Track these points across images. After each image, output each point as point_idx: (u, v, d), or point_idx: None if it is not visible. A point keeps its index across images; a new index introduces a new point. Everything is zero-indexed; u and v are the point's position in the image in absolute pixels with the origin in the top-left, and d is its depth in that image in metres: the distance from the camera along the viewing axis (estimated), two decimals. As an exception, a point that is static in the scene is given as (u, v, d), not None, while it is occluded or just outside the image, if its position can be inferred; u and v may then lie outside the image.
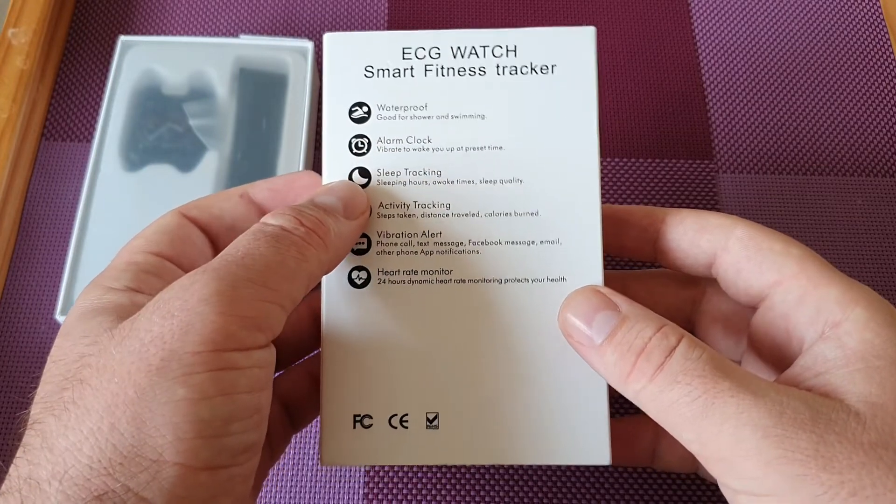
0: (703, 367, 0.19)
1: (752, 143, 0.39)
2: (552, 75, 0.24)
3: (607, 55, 0.41)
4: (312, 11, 0.42)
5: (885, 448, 0.18)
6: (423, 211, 0.23)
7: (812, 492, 0.17)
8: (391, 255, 0.23)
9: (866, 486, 0.17)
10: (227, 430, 0.18)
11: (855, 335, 0.20)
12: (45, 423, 0.17)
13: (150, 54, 0.37)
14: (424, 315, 0.23)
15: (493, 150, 0.24)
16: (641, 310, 0.21)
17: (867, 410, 0.18)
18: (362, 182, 0.24)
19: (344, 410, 0.23)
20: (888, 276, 0.36)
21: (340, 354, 0.23)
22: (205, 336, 0.17)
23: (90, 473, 0.16)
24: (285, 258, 0.20)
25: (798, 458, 0.18)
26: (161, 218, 0.24)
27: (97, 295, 0.21)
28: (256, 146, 0.36)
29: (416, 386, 0.23)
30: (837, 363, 0.20)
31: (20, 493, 0.17)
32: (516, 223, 0.23)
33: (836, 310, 0.20)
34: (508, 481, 0.31)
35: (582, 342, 0.21)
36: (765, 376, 0.21)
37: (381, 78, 0.24)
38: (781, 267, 0.22)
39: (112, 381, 0.17)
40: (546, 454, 0.23)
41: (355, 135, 0.24)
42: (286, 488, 0.32)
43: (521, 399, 0.23)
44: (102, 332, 0.19)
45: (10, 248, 0.36)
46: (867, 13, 0.42)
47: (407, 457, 0.23)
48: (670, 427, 0.20)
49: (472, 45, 0.24)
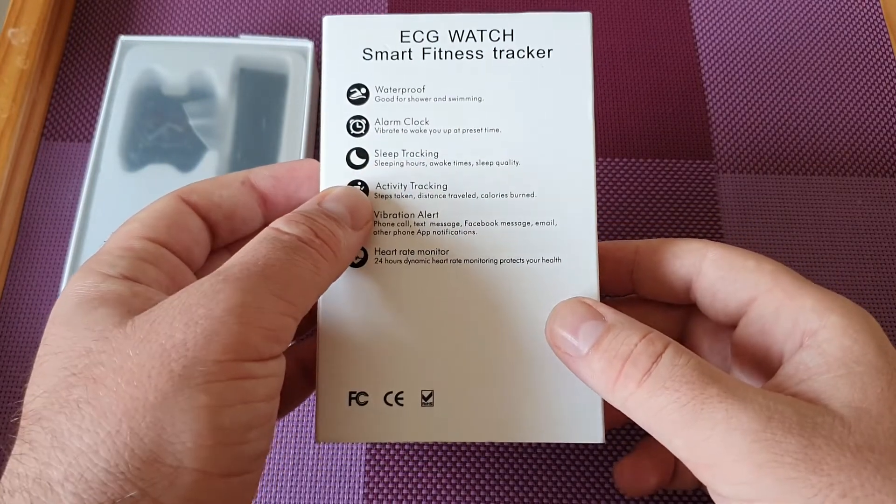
0: (691, 374, 0.19)
1: (752, 143, 0.39)
2: (548, 59, 0.24)
3: (607, 54, 0.41)
4: (312, 11, 0.42)
5: (870, 450, 0.18)
6: (420, 192, 0.24)
7: (803, 494, 0.17)
8: (388, 234, 0.24)
9: (855, 486, 0.17)
10: (245, 438, 0.18)
11: (834, 342, 0.20)
12: (54, 422, 0.17)
13: (150, 54, 0.37)
14: (420, 294, 0.23)
15: (489, 132, 0.24)
16: (627, 318, 0.21)
17: (851, 415, 0.19)
18: (360, 163, 0.24)
19: (340, 388, 0.23)
20: (888, 276, 0.36)
21: (336, 332, 0.23)
22: (227, 345, 0.17)
23: (107, 477, 0.16)
24: (302, 271, 0.20)
25: (788, 461, 0.18)
26: (159, 201, 0.23)
27: (93, 282, 0.20)
28: (256, 146, 0.36)
29: (411, 364, 0.23)
30: (819, 370, 0.20)
31: (29, 494, 0.16)
32: (512, 204, 0.23)
33: (813, 318, 0.21)
34: (508, 481, 0.32)
35: (569, 352, 0.22)
36: None
37: (379, 60, 0.24)
38: (756, 283, 0.22)
39: (131, 384, 0.17)
40: (540, 432, 0.23)
41: (353, 116, 0.24)
42: (286, 488, 0.32)
43: (515, 378, 0.23)
44: (112, 328, 0.18)
45: (10, 248, 0.36)
46: (867, 13, 0.42)
47: (402, 434, 0.23)
48: (659, 433, 0.20)
49: (469, 28, 0.24)
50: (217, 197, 0.24)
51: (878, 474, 0.18)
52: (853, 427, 0.18)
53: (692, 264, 0.24)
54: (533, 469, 0.32)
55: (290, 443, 0.32)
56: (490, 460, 0.32)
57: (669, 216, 0.37)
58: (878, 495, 0.17)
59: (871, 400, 0.19)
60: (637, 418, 0.20)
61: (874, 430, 0.18)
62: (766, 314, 0.22)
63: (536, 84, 0.24)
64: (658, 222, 0.37)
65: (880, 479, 0.18)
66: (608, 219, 0.37)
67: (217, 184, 0.24)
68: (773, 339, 0.22)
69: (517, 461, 0.32)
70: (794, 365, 0.21)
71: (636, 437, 0.33)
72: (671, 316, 0.27)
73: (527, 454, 0.32)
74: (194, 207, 0.23)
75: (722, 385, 0.19)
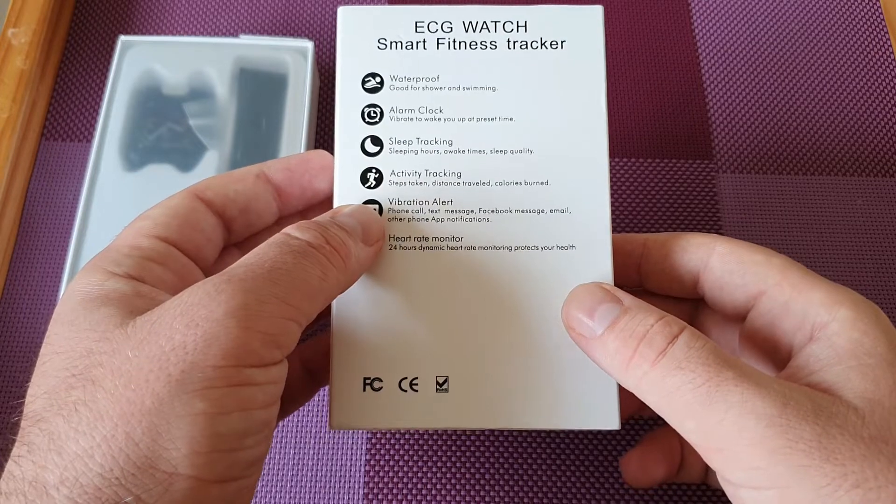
0: (707, 356, 0.19)
1: (752, 143, 0.39)
2: (561, 50, 0.25)
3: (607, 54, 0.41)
4: (312, 11, 0.42)
5: (884, 442, 0.18)
6: (435, 179, 0.24)
7: (816, 483, 0.17)
8: (402, 221, 0.24)
9: (869, 478, 0.17)
10: (241, 445, 0.18)
11: (843, 335, 0.20)
12: (52, 424, 0.17)
13: (150, 54, 0.37)
14: (435, 281, 0.23)
15: (503, 121, 0.24)
16: (643, 303, 0.21)
17: (865, 406, 0.19)
18: (374, 150, 0.24)
19: (354, 373, 0.23)
20: (888, 276, 0.36)
21: (351, 318, 0.23)
22: (227, 350, 0.17)
23: (101, 482, 0.16)
24: (310, 276, 0.19)
25: (802, 448, 0.18)
26: (172, 198, 0.23)
27: (98, 280, 0.20)
28: (256, 146, 0.36)
29: (426, 350, 0.23)
30: (830, 361, 0.20)
31: (25, 497, 0.16)
32: (526, 192, 0.24)
33: (822, 312, 0.21)
34: (508, 481, 0.32)
35: (584, 333, 0.22)
36: None
37: (393, 50, 0.24)
38: (764, 277, 0.22)
39: (128, 387, 0.17)
40: (555, 419, 0.23)
41: (368, 104, 0.24)
42: (286, 488, 0.32)
43: (530, 364, 0.23)
44: (114, 329, 0.18)
45: (10, 248, 0.36)
46: (867, 13, 0.42)
47: (416, 420, 0.23)
48: (671, 415, 0.20)
49: (483, 20, 0.25)
50: (232, 192, 0.24)
51: (891, 466, 0.18)
52: (867, 418, 0.18)
53: (700, 258, 0.24)
54: (534, 469, 0.32)
55: (290, 443, 0.32)
56: (490, 459, 0.32)
57: (669, 216, 0.37)
58: (892, 487, 0.17)
59: (884, 392, 0.19)
60: (650, 400, 0.20)
61: (887, 422, 0.18)
62: (775, 308, 0.22)
63: (550, 74, 0.24)
64: (658, 222, 0.37)
65: (894, 472, 0.17)
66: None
67: (232, 178, 0.24)
68: (782, 332, 0.22)
69: (518, 460, 0.32)
70: (804, 357, 0.21)
71: (643, 430, 0.33)
72: (678, 309, 0.27)
73: (527, 454, 0.32)
74: (209, 204, 0.23)
75: (738, 369, 0.19)
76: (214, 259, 0.24)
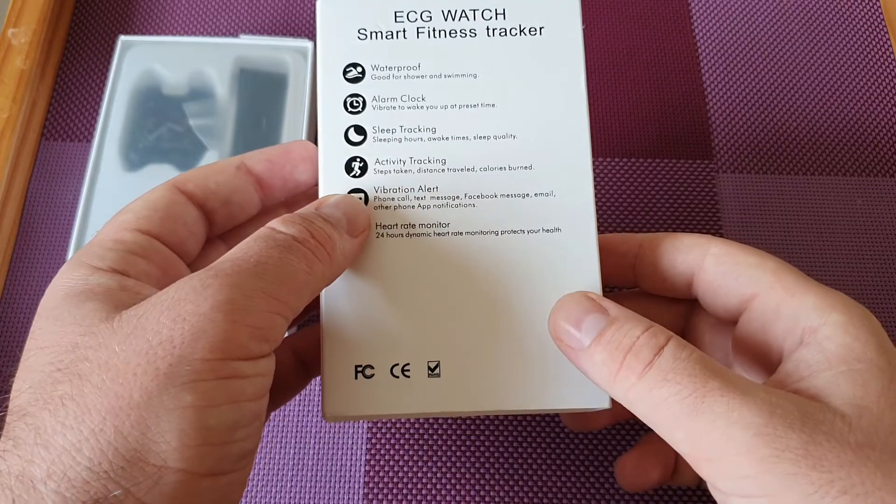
0: (693, 367, 0.19)
1: (752, 143, 0.39)
2: (540, 36, 0.25)
3: (607, 55, 0.41)
4: (312, 11, 0.42)
5: (871, 448, 0.18)
6: (419, 166, 0.24)
7: (803, 490, 0.17)
8: (389, 209, 0.24)
9: (855, 484, 0.17)
10: (231, 438, 0.18)
11: (834, 339, 0.20)
12: (38, 418, 0.17)
13: (150, 54, 0.37)
14: (423, 267, 0.23)
15: (485, 107, 0.24)
16: (630, 312, 0.21)
17: (853, 412, 0.19)
18: (358, 140, 0.24)
19: (345, 362, 0.23)
20: (888, 276, 0.36)
21: (340, 306, 0.23)
22: (215, 344, 0.17)
23: (90, 476, 0.16)
24: (296, 271, 0.20)
25: (789, 456, 0.18)
26: (153, 191, 0.23)
27: (82, 275, 0.20)
28: (256, 146, 0.35)
29: (416, 335, 0.23)
30: (820, 367, 0.20)
31: (11, 491, 0.16)
32: (511, 177, 0.24)
33: (814, 316, 0.21)
34: (508, 481, 0.32)
35: (571, 345, 0.22)
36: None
37: (374, 40, 0.25)
38: (758, 280, 0.22)
39: (116, 381, 0.17)
40: (547, 400, 0.23)
41: (350, 94, 0.24)
42: (286, 488, 0.32)
43: (520, 346, 0.23)
44: (99, 323, 0.18)
45: (10, 248, 0.36)
46: (867, 13, 0.42)
47: (410, 406, 0.23)
48: (659, 426, 0.20)
49: (462, 8, 0.25)
50: (213, 184, 0.24)
51: (878, 472, 0.18)
52: (854, 424, 0.18)
53: (694, 259, 0.24)
54: (534, 469, 0.32)
55: (290, 442, 0.32)
56: (490, 459, 0.32)
57: (669, 216, 0.37)
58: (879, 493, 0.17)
59: (872, 398, 0.19)
60: (638, 411, 0.20)
61: (875, 428, 0.18)
62: (767, 311, 0.22)
63: (530, 60, 0.25)
64: (658, 222, 0.37)
65: (881, 477, 0.18)
66: (608, 219, 0.37)
67: (212, 170, 0.24)
68: (774, 336, 0.22)
69: (518, 459, 0.32)
70: (794, 362, 0.21)
71: (637, 434, 0.33)
72: (673, 310, 0.27)
73: (527, 454, 0.32)
74: (190, 196, 0.23)
75: (724, 379, 0.19)
76: (198, 251, 0.24)
